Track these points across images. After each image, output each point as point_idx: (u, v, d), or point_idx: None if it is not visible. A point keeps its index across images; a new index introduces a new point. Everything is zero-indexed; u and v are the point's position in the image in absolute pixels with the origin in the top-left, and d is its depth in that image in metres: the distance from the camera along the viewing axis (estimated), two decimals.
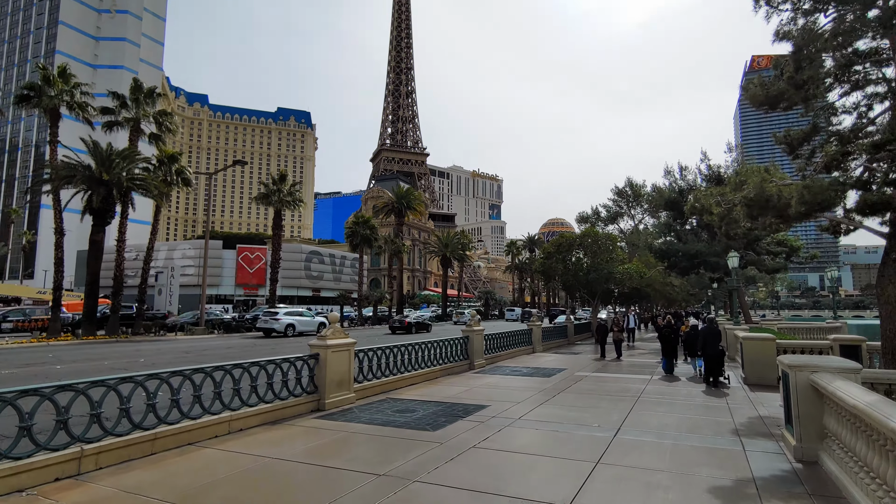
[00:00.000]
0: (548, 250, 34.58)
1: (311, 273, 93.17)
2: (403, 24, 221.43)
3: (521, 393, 13.59)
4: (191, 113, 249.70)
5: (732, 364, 20.33)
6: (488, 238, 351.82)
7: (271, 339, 33.08)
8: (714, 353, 15.27)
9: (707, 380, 15.60)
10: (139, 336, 30.99)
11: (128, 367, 18.68)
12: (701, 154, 33.24)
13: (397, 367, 14.40)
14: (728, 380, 15.91)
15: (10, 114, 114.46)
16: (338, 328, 12.00)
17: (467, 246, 73.74)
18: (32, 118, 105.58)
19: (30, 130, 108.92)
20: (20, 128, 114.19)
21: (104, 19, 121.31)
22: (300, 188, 42.59)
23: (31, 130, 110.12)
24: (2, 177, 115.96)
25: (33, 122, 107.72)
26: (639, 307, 64.29)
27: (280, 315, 35.37)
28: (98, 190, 26.67)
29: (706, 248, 31.14)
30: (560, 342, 30.55)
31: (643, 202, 49.07)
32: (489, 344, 21.02)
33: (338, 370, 11.68)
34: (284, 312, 36.34)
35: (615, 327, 23.31)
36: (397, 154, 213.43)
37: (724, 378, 15.83)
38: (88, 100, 29.87)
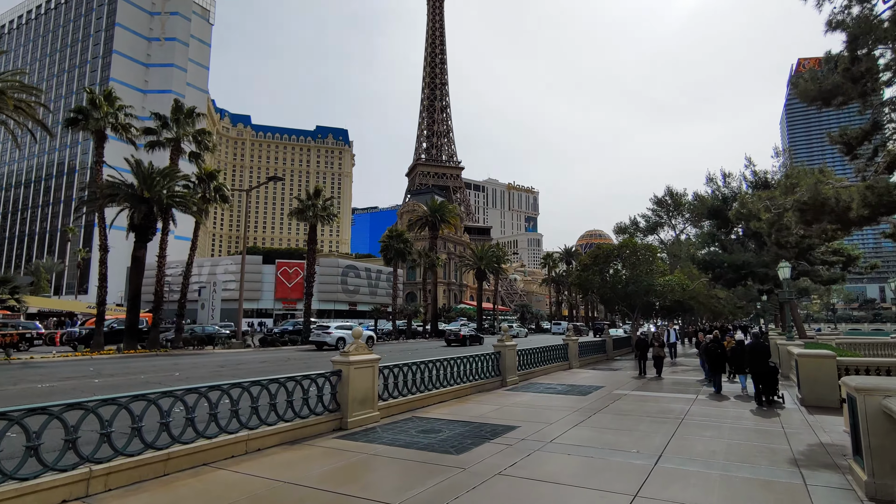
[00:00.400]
0: (584, 262, 33.55)
1: (348, 287, 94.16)
2: (437, 41, 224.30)
3: (554, 413, 12.84)
4: (234, 133, 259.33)
5: (786, 383, 18.88)
6: (524, 251, 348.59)
7: (317, 352, 33.64)
8: (765, 370, 14.21)
9: (759, 399, 14.50)
10: (178, 350, 31.68)
11: (163, 382, 18.92)
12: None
13: (424, 384, 13.90)
14: (783, 399, 14.73)
15: (68, 138, 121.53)
16: (361, 344, 11.64)
17: (502, 259, 72.88)
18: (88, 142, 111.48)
19: (86, 154, 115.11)
20: (77, 151, 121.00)
21: (154, 47, 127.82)
22: (335, 203, 43.07)
23: (86, 154, 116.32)
24: (60, 197, 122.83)
25: (89, 146, 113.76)
26: (682, 321, 61.74)
27: (331, 329, 37.73)
28: (139, 207, 27.62)
29: (754, 259, 29.39)
30: (598, 357, 29.38)
31: (684, 211, 47.19)
32: (523, 359, 20.29)
33: (361, 388, 11.28)
34: (336, 326, 38.51)
35: (655, 342, 22.02)
36: (432, 168, 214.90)
37: (778, 397, 14.69)
38: (131, 121, 31.16)
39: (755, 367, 14.29)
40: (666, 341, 26.79)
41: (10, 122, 25.78)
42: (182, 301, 34.30)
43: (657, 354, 21.83)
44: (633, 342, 28.62)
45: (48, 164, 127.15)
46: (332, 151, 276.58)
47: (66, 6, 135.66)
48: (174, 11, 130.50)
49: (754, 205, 13.79)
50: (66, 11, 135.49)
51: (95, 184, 28.69)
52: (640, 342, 22.95)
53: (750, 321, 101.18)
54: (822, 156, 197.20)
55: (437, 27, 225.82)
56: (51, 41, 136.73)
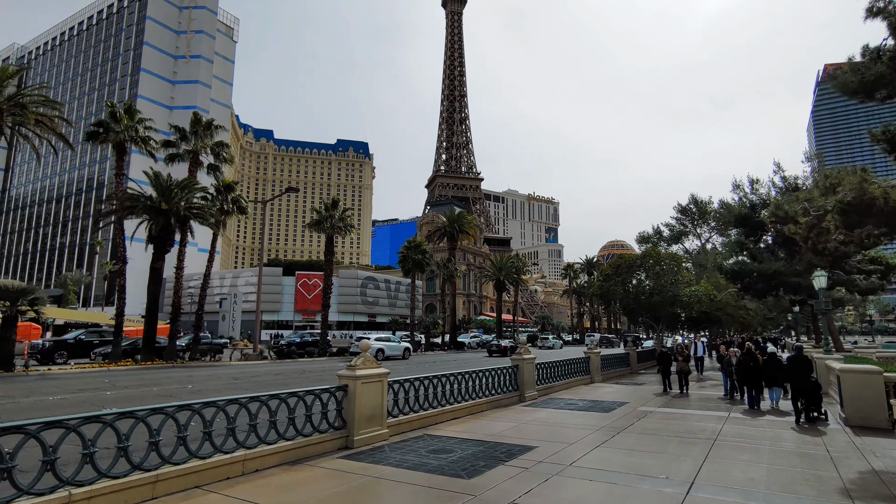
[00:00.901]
0: (606, 272, 32.56)
1: (367, 299, 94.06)
2: (456, 54, 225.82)
3: (575, 431, 12.05)
4: (257, 147, 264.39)
5: (826, 400, 17.66)
6: (545, 262, 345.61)
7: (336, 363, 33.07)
8: (808, 385, 13.31)
9: (798, 417, 13.59)
10: (195, 361, 31.61)
11: (174, 394, 18.66)
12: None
13: (437, 399, 13.25)
14: (826, 416, 13.81)
15: (98, 154, 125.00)
16: (369, 357, 11.08)
17: (522, 269, 71.90)
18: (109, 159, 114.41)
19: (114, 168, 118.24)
20: (105, 167, 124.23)
21: (179, 64, 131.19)
22: (352, 214, 42.92)
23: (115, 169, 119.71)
24: (89, 212, 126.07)
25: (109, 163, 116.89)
26: (709, 333, 59.72)
27: (371, 340, 37.46)
28: (157, 219, 27.78)
29: (785, 268, 28.01)
30: (622, 371, 28.28)
31: (709, 220, 45.77)
32: (542, 373, 19.48)
33: (369, 404, 10.70)
34: (375, 338, 39.76)
35: (679, 356, 20.50)
36: (452, 179, 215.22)
37: (822, 414, 13.79)
38: (151, 134, 31.55)
39: (797, 381, 13.39)
40: (693, 355, 25.49)
41: (33, 136, 26.23)
42: (199, 312, 34.33)
43: (681, 369, 20.34)
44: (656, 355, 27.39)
45: (78, 180, 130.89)
46: (353, 164, 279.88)
47: (97, 28, 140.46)
48: (199, 30, 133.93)
49: (791, 207, 12.87)
50: (97, 32, 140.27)
51: (116, 196, 29.02)
52: (662, 356, 21.45)
53: (780, 333, 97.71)
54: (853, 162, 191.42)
55: (456, 40, 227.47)
56: (82, 61, 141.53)
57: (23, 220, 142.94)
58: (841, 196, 9.67)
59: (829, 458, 9.62)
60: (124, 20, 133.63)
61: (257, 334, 35.49)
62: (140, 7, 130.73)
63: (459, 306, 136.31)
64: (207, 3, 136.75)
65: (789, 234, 14.83)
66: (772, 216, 15.44)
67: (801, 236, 12.29)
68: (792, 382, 13.78)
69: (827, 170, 14.67)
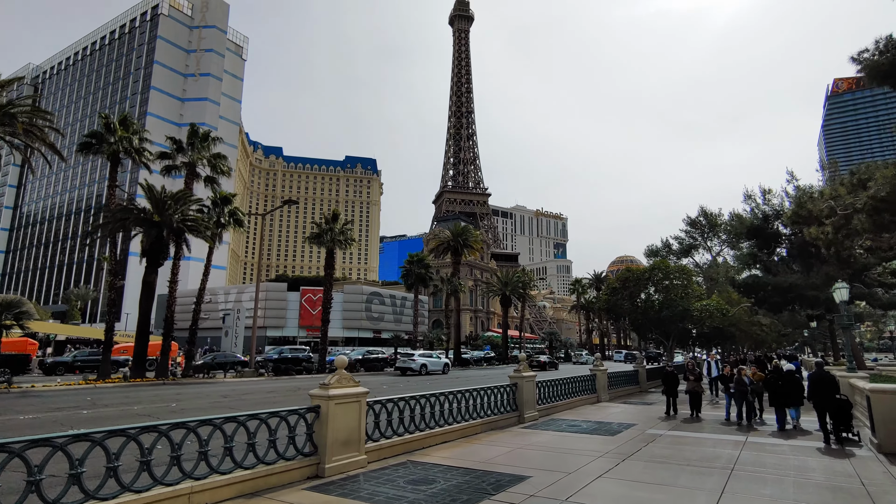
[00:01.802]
0: (613, 285, 31.35)
1: (372, 314, 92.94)
2: (463, 70, 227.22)
3: (576, 458, 10.87)
4: (267, 165, 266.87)
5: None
6: (553, 278, 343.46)
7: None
8: (835, 403, 12.23)
9: (827, 438, 12.72)
10: (188, 378, 30.65)
11: (154, 414, 17.67)
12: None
13: (425, 421, 12.13)
14: (859, 437, 12.85)
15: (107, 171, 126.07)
16: (344, 374, 10.03)
17: (528, 284, 70.56)
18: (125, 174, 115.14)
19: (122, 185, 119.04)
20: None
21: (189, 82, 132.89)
22: (353, 227, 42.11)
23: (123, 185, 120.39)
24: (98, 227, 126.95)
25: (126, 178, 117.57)
26: (722, 349, 57.77)
27: (416, 356, 42.13)
28: (150, 232, 27.09)
29: (802, 281, 26.66)
30: (630, 390, 26.91)
31: (720, 232, 44.44)
32: (544, 392, 18.29)
33: (343, 426, 9.63)
34: (419, 354, 43.15)
35: (690, 375, 18.56)
36: (459, 195, 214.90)
37: (853, 434, 12.89)
38: (146, 145, 31.05)
39: (822, 400, 12.24)
40: (706, 374, 23.90)
41: (25, 147, 25.80)
42: (193, 328, 33.44)
43: (692, 389, 18.23)
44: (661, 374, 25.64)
45: (88, 196, 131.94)
46: (361, 180, 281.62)
47: (110, 47, 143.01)
48: (209, 48, 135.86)
49: (815, 206, 11.73)
50: (108, 52, 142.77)
51: (108, 208, 28.45)
52: (668, 376, 19.04)
53: (794, 350, 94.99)
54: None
55: (464, 57, 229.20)
56: (94, 80, 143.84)
57: (34, 236, 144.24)
58: (873, 191, 8.58)
59: (866, 493, 8.39)
60: (136, 40, 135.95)
61: (253, 351, 34.51)
62: (151, 27, 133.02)
63: (467, 322, 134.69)
64: (217, 22, 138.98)
65: (810, 239, 13.61)
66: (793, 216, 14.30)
67: (823, 242, 11.19)
68: (816, 401, 12.63)
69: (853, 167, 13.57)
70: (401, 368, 40.33)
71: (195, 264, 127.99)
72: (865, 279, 27.02)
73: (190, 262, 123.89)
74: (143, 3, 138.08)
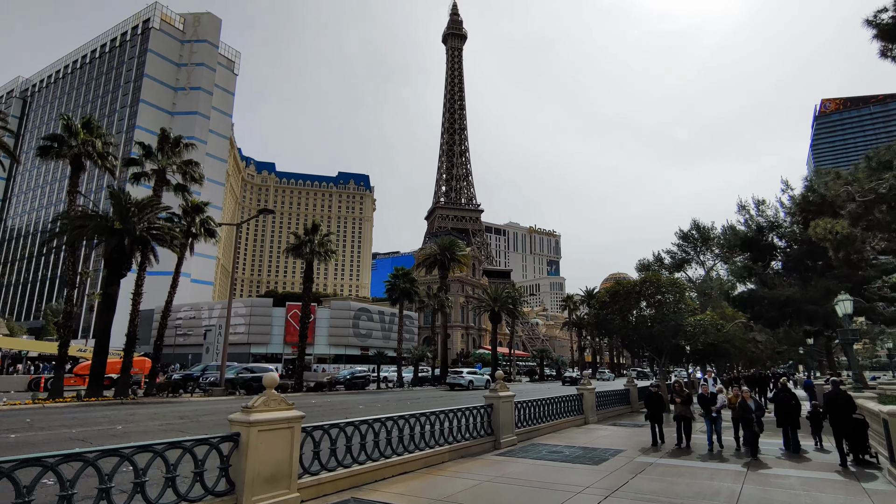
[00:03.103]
0: (602, 299, 29.89)
1: (360, 331, 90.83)
2: (456, 88, 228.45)
3: (550, 495, 9.27)
4: (259, 180, 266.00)
5: None
6: (547, 295, 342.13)
7: (305, 397, 30.00)
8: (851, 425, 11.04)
9: (844, 462, 11.83)
10: (151, 398, 28.65)
11: (91, 438, 15.92)
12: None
13: (379, 449, 10.49)
14: (877, 459, 11.99)
15: (94, 184, 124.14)
16: (274, 395, 8.42)
17: (518, 300, 68.95)
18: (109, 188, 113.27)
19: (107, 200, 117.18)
20: (101, 196, 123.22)
21: (179, 96, 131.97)
22: (333, 239, 40.57)
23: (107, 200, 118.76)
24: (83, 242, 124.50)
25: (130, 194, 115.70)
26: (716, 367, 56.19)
27: (464, 373, 49.27)
28: (110, 240, 25.41)
29: (800, 294, 25.36)
30: (620, 410, 25.26)
31: (713, 246, 43.27)
32: (524, 414, 16.67)
33: (269, 458, 7.99)
34: (467, 371, 50.38)
35: (678, 398, 15.65)
36: (451, 211, 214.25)
37: (871, 456, 12.06)
38: (111, 150, 29.46)
39: (839, 421, 11.04)
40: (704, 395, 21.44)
41: None
42: (159, 343, 31.51)
43: (681, 414, 15.42)
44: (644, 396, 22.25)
45: None
46: (354, 196, 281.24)
47: (100, 61, 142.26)
48: (200, 63, 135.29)
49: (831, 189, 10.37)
50: (99, 65, 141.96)
51: (66, 215, 26.81)
52: (651, 398, 15.91)
53: (788, 368, 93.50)
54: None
55: (457, 74, 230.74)
56: (83, 93, 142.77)
57: (17, 250, 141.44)
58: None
59: None
60: (126, 53, 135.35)
61: (223, 368, 32.55)
62: (142, 41, 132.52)
63: (458, 339, 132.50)
64: (209, 37, 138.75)
65: (816, 240, 12.20)
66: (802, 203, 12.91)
67: (832, 243, 9.90)
68: (833, 422, 11.46)
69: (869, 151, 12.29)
70: (450, 384, 46.68)
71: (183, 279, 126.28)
72: (865, 293, 25.76)
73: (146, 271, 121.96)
74: (134, 18, 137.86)
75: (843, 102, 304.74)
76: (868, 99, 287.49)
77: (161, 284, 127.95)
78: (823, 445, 15.82)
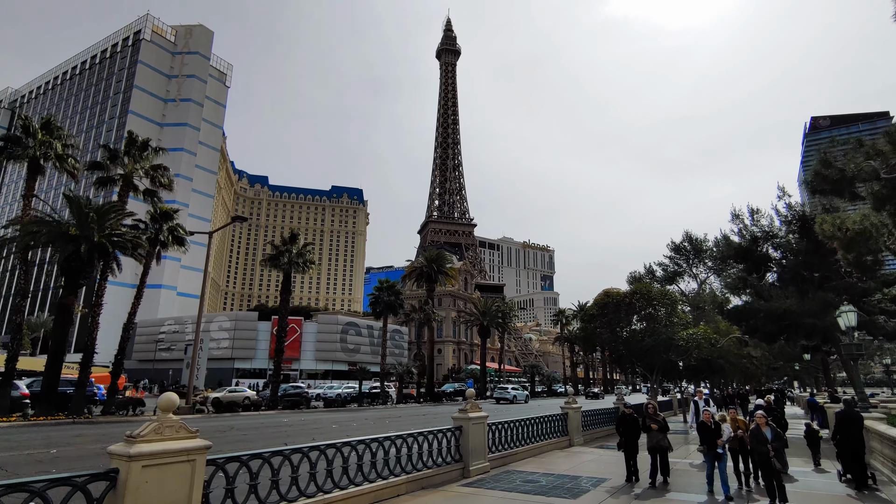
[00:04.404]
0: (591, 312, 28.46)
1: (347, 346, 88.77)
2: (450, 103, 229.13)
3: None
4: (252, 194, 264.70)
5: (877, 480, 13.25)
6: (540, 310, 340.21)
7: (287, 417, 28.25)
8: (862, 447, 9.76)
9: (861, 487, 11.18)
10: (108, 416, 26.72)
11: (9, 465, 14.16)
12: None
13: (316, 483, 8.89)
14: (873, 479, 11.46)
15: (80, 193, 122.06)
16: (170, 420, 6.88)
17: (508, 314, 67.36)
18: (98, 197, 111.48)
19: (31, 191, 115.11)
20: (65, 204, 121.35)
21: (169, 108, 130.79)
22: (313, 249, 38.97)
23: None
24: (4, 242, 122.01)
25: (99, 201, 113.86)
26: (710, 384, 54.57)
27: (509, 388, 53.44)
28: (65, 247, 23.76)
29: (797, 307, 24.03)
30: (609, 430, 23.61)
31: (706, 258, 42.06)
32: (500, 436, 15.10)
33: (159, 502, 6.42)
34: (511, 387, 54.75)
35: (652, 423, 12.42)
36: (444, 225, 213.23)
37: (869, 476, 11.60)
38: (71, 151, 27.89)
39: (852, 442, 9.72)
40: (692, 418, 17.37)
41: None
42: (119, 358, 29.60)
43: (658, 444, 12.23)
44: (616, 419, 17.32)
45: None
46: (347, 210, 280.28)
47: (90, 72, 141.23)
48: (191, 74, 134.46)
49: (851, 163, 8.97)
50: (89, 76, 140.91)
51: (20, 220, 25.18)
52: (623, 421, 13.03)
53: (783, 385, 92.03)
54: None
55: (450, 89, 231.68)
56: (73, 104, 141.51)
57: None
58: None
59: None
60: (116, 64, 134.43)
61: (190, 386, 30.71)
62: (133, 52, 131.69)
63: (449, 355, 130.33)
64: (201, 48, 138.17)
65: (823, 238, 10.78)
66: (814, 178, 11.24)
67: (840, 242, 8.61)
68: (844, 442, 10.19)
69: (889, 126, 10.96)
70: (497, 398, 50.14)
71: (166, 292, 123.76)
72: (865, 306, 24.47)
73: (161, 289, 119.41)
74: (125, 29, 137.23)
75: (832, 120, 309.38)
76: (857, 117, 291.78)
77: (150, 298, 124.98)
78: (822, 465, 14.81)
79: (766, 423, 10.78)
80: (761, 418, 10.96)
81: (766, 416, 11.04)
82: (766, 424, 10.76)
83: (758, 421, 10.96)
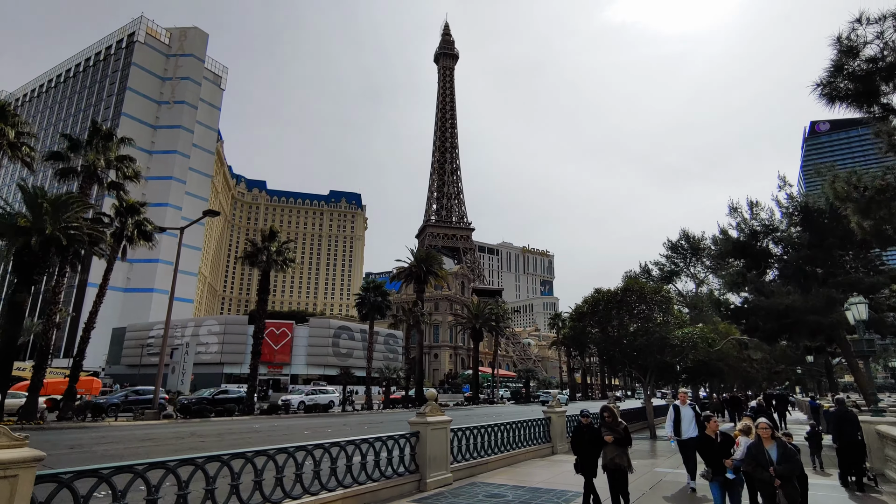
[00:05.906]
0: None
1: (340, 350, 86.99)
2: (448, 107, 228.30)
3: None
4: (250, 198, 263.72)
5: (889, 489, 11.59)
6: (540, 315, 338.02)
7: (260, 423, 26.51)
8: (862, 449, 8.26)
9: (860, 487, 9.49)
10: (65, 422, 25.03)
11: None
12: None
13: (240, 498, 7.22)
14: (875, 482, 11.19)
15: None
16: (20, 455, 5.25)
17: (502, 316, 65.64)
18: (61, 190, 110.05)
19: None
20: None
21: (163, 110, 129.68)
22: (293, 248, 37.38)
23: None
24: None
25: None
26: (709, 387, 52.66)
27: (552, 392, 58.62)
28: (14, 239, 22.16)
29: (800, 303, 22.39)
30: None
31: (703, 257, 40.43)
32: (466, 443, 13.39)
33: None
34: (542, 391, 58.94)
35: (607, 434, 9.11)
36: (442, 230, 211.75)
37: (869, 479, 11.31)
38: (26, 139, 26.29)
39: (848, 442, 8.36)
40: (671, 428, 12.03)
41: None
42: (78, 360, 27.92)
43: (612, 462, 8.96)
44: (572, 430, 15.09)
45: None
46: (345, 215, 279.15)
47: (84, 74, 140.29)
48: (185, 76, 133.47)
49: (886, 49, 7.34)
50: (82, 79, 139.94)
51: None
52: (581, 434, 9.53)
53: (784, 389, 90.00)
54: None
55: (448, 93, 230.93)
56: (66, 107, 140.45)
57: None
58: None
59: None
60: (110, 67, 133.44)
61: (157, 389, 29.02)
62: (126, 54, 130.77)
63: (446, 360, 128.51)
64: (195, 51, 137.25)
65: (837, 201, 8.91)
66: (837, 68, 8.76)
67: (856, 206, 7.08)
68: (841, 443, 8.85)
69: None
70: (543, 401, 53.32)
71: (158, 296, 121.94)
72: (873, 302, 22.82)
73: (153, 293, 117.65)
74: (119, 31, 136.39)
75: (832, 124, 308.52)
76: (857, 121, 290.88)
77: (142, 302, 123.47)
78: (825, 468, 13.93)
79: (770, 437, 7.79)
80: (765, 429, 7.81)
81: (771, 426, 7.96)
82: (772, 438, 7.78)
83: (759, 433, 7.86)
